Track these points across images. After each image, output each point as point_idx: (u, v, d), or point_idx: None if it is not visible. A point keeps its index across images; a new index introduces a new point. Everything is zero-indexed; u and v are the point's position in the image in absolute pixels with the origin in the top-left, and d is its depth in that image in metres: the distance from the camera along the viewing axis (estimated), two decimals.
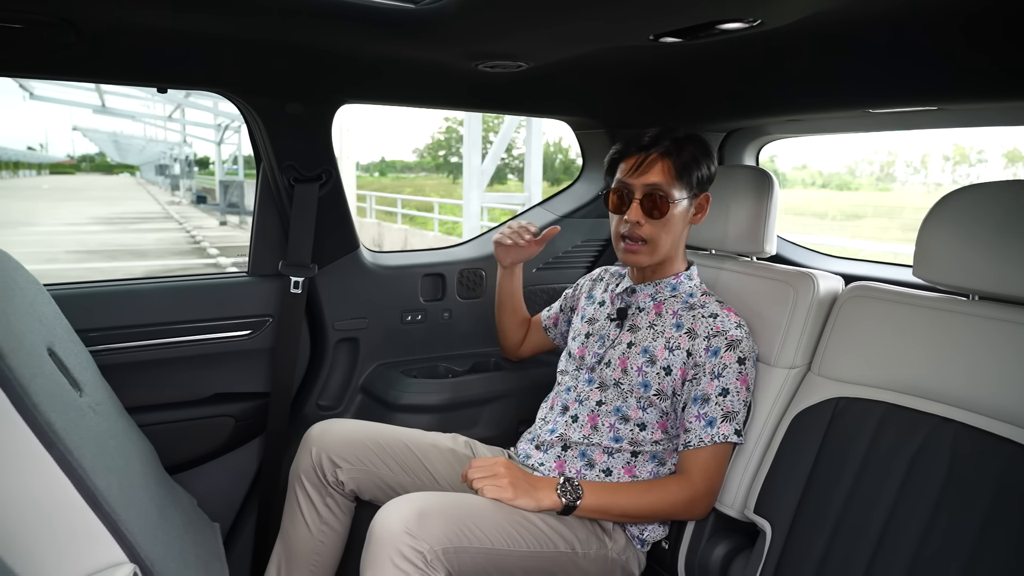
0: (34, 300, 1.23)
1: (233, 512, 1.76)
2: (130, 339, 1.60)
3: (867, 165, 50.94)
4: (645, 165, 1.40)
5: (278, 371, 1.70)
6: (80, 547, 0.96)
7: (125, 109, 22.87)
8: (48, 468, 0.94)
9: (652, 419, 1.42)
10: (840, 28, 1.16)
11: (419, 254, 1.99)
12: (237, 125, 19.99)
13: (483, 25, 1.21)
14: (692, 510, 1.37)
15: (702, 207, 1.48)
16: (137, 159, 57.79)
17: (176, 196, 31.45)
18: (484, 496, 1.27)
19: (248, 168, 23.51)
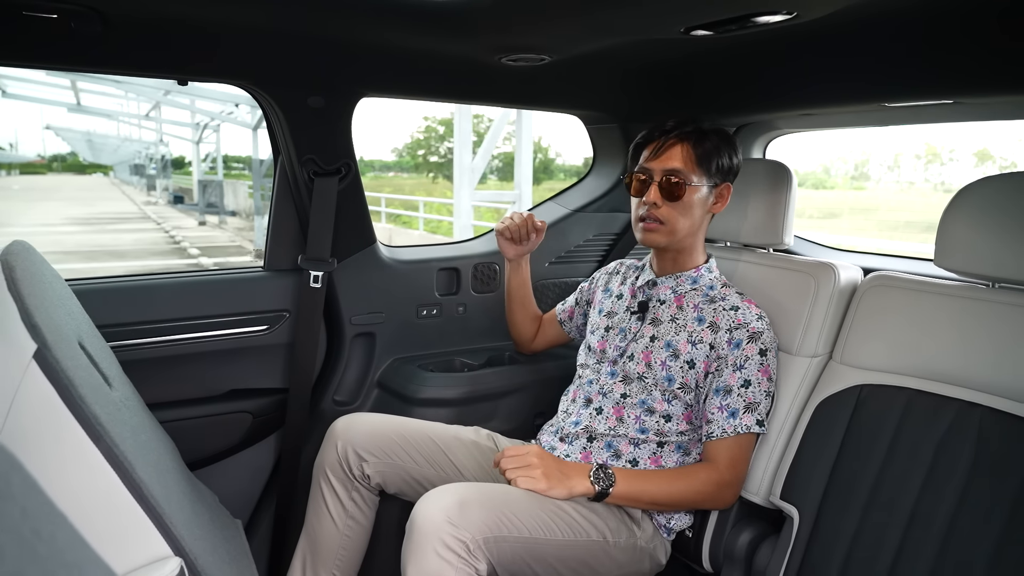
0: (61, 294, 1.22)
1: (250, 508, 1.75)
2: (147, 335, 1.58)
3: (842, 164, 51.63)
4: (665, 149, 1.43)
5: (297, 366, 1.69)
6: (128, 541, 0.95)
7: (100, 107, 22.48)
8: (96, 462, 0.93)
9: (678, 411, 1.43)
10: (869, 20, 1.18)
11: (434, 248, 1.99)
12: (216, 124, 19.75)
13: (517, 17, 1.21)
14: (719, 498, 1.38)
15: (723, 196, 1.49)
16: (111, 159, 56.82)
17: (152, 196, 31.00)
18: (517, 487, 1.28)
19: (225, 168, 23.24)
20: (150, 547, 0.97)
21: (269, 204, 1.74)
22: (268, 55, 1.42)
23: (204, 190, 20.05)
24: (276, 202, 1.71)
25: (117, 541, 0.95)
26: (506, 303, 1.82)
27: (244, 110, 13.51)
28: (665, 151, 1.43)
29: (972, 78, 1.32)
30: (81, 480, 0.92)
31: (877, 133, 69.68)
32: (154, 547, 0.97)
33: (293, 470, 1.71)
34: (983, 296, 1.24)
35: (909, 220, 25.80)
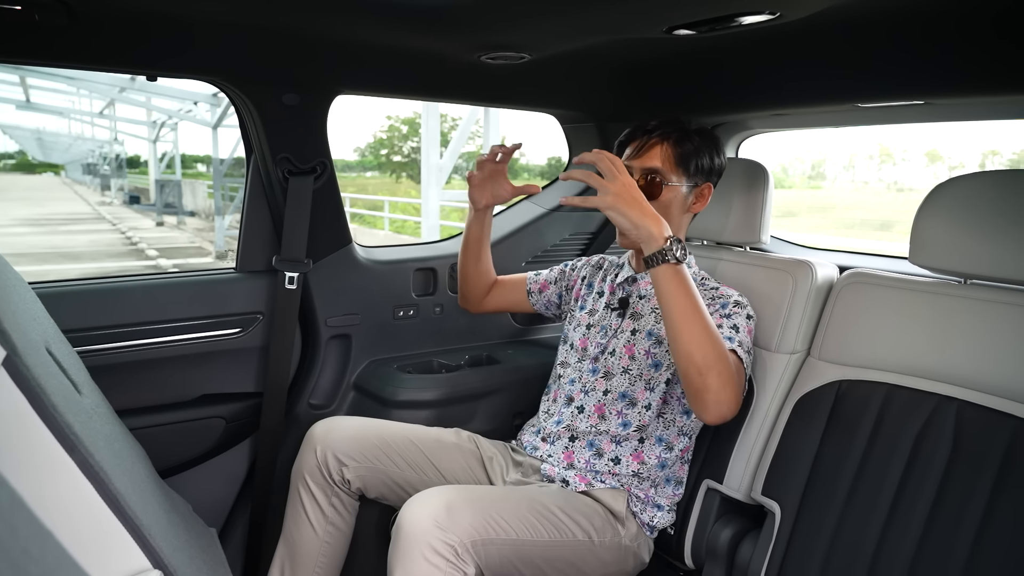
0: (26, 298, 1.17)
1: (224, 516, 1.71)
2: (115, 339, 1.53)
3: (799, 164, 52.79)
4: (645, 148, 1.44)
5: (272, 369, 1.65)
6: (108, 555, 0.92)
7: (51, 105, 21.78)
8: (72, 473, 0.89)
9: (657, 398, 1.43)
10: (849, 22, 1.20)
11: (410, 248, 1.96)
12: (174, 123, 19.30)
13: (498, 15, 1.20)
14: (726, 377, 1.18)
15: (703, 196, 1.49)
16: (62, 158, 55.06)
17: (107, 196, 30.14)
18: (604, 202, 1.20)
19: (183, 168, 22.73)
20: (130, 560, 0.93)
21: (241, 204, 1.70)
22: (241, 51, 1.38)
23: (161, 190, 19.58)
24: (249, 202, 1.67)
25: (97, 555, 0.91)
26: (460, 255, 1.68)
27: (203, 108, 13.20)
28: (646, 150, 1.44)
29: (943, 80, 1.35)
30: (58, 493, 0.88)
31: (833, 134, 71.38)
32: (134, 560, 0.94)
33: (268, 476, 1.67)
34: (956, 292, 1.27)
35: (864, 218, 26.51)
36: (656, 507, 1.45)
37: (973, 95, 1.40)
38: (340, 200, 1.73)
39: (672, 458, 1.46)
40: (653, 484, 1.46)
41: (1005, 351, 1.18)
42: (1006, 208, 1.20)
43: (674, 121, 1.46)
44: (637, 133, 1.47)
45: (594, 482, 1.43)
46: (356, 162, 48.55)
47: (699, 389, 1.18)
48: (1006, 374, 1.17)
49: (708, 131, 1.49)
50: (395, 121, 37.65)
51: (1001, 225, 1.20)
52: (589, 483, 1.43)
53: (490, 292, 1.74)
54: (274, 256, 1.64)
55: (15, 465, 0.84)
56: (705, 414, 1.21)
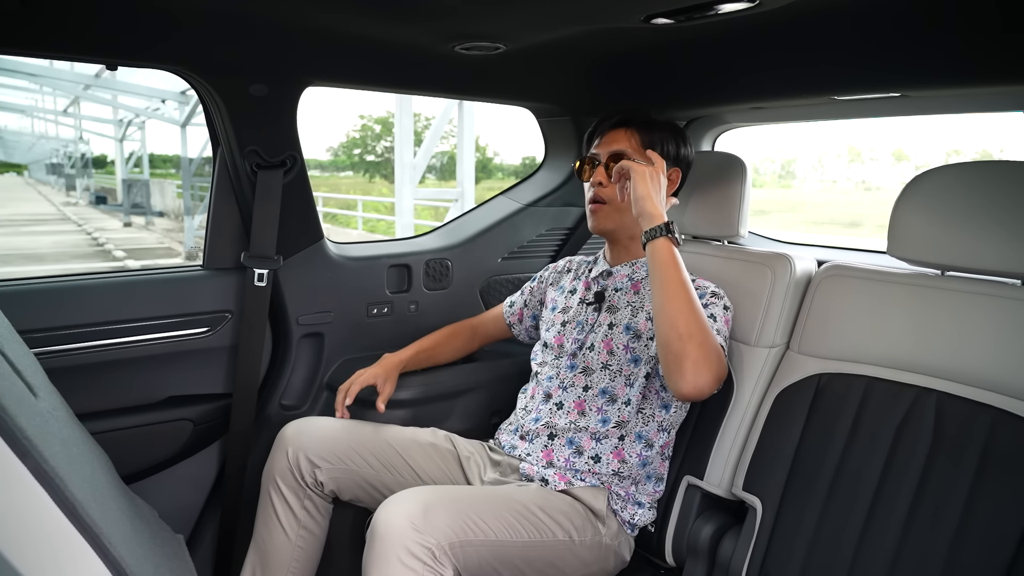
0: None
1: (193, 521, 1.65)
2: (77, 340, 1.46)
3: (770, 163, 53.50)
4: (611, 135, 1.48)
5: (241, 370, 1.60)
6: (63, 566, 0.86)
7: (12, 103, 21.21)
8: (23, 480, 0.84)
9: (636, 393, 1.41)
10: (826, 12, 1.19)
11: (384, 245, 1.92)
12: (141, 121, 18.91)
13: (474, 2, 1.17)
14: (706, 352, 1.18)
15: (671, 181, 1.49)
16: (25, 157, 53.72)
17: (72, 197, 29.45)
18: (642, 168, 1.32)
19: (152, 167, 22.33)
20: (89, 572, 0.88)
21: (208, 199, 1.64)
22: (206, 40, 1.33)
23: (129, 190, 19.19)
24: (216, 197, 1.62)
25: (53, 567, 0.86)
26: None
27: (171, 106, 12.94)
28: (612, 136, 1.48)
29: (918, 71, 1.35)
30: (9, 501, 0.83)
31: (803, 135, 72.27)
32: (93, 572, 0.89)
33: (238, 479, 1.62)
34: (934, 284, 1.27)
35: (833, 216, 26.91)
36: (637, 504, 1.43)
37: (948, 87, 1.40)
38: (311, 195, 1.68)
39: (653, 455, 1.44)
40: (634, 482, 1.44)
41: (983, 341, 1.18)
42: (983, 199, 1.20)
43: (639, 110, 1.49)
44: (603, 123, 1.50)
45: (574, 480, 1.40)
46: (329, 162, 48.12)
47: (679, 356, 1.17)
48: (984, 364, 1.17)
49: (674, 123, 1.52)
50: (368, 120, 37.36)
51: (978, 216, 1.20)
52: (569, 482, 1.40)
53: (473, 340, 1.78)
54: (243, 253, 1.59)
55: None
56: (683, 384, 1.18)
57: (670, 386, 1.22)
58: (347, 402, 1.51)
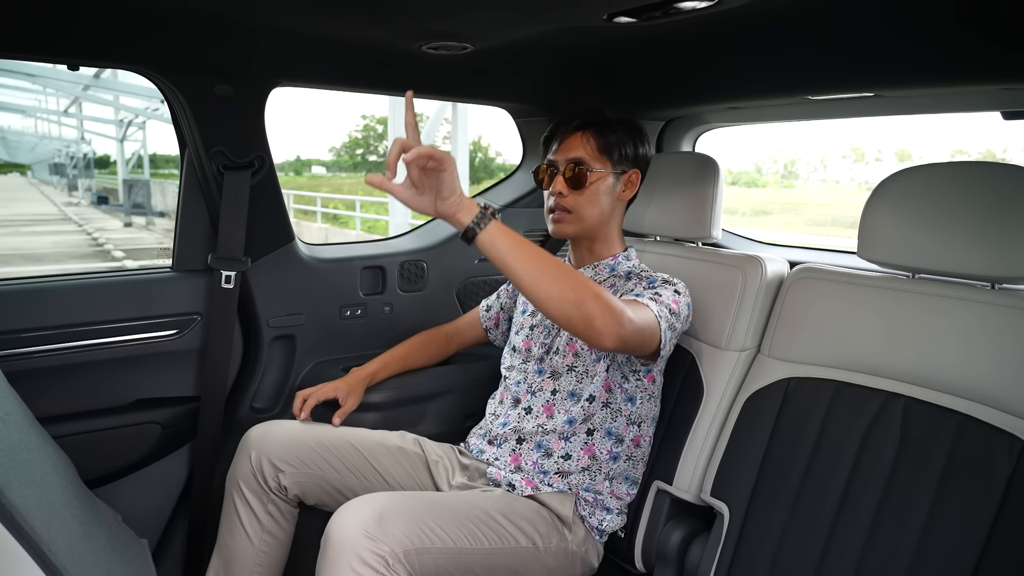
0: None
1: (161, 526, 1.64)
2: (39, 343, 1.45)
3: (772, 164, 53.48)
4: (569, 140, 1.45)
5: (209, 372, 1.58)
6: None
7: (14, 103, 21.27)
8: None
9: (599, 386, 1.40)
10: (790, 10, 1.17)
11: (358, 246, 1.90)
12: (141, 121, 18.95)
13: (431, 1, 1.15)
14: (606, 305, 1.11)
15: (632, 183, 1.48)
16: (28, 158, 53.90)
17: (74, 197, 29.53)
18: (448, 158, 1.08)
19: (153, 167, 22.37)
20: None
21: (176, 200, 1.63)
22: (170, 39, 1.32)
23: (130, 190, 19.23)
24: (184, 198, 1.60)
25: None
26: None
27: None
28: (568, 142, 1.45)
29: (890, 71, 1.33)
30: None
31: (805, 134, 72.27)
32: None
33: (207, 484, 1.61)
34: (904, 287, 1.25)
35: (835, 216, 26.81)
36: (605, 510, 1.42)
37: (921, 87, 1.38)
38: (281, 196, 1.66)
39: (623, 451, 1.42)
40: (607, 477, 1.41)
41: (951, 346, 1.16)
42: (954, 202, 1.17)
43: (594, 112, 1.46)
44: (559, 127, 1.48)
45: (541, 486, 1.39)
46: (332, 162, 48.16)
47: (584, 320, 1.10)
48: (952, 369, 1.15)
49: (630, 120, 1.49)
50: (370, 120, 37.45)
51: (949, 219, 1.18)
52: (536, 487, 1.38)
53: (448, 346, 1.76)
54: (210, 255, 1.57)
55: None
56: (603, 340, 1.11)
57: (593, 346, 1.15)
58: (302, 415, 1.49)
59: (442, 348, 1.75)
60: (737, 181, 52.99)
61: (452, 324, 1.78)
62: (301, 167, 53.28)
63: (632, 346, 1.21)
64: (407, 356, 1.69)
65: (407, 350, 1.69)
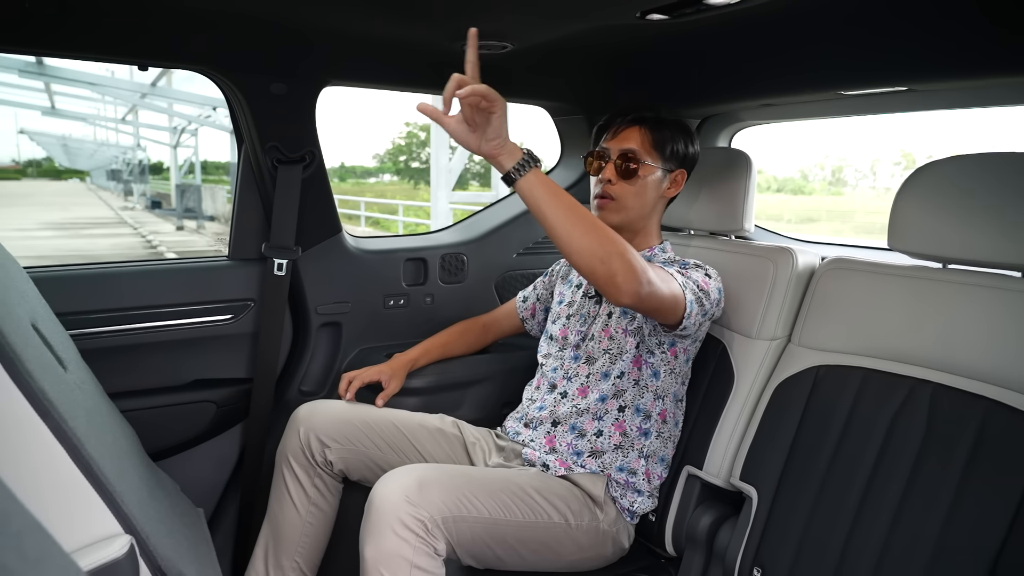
0: (15, 276, 1.20)
1: (215, 498, 1.74)
2: (109, 323, 1.56)
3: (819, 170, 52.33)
4: (624, 132, 1.49)
5: (261, 356, 1.68)
6: (76, 517, 0.94)
7: (76, 111, 22.20)
8: (44, 437, 0.92)
9: (628, 362, 1.45)
10: (820, 5, 1.20)
11: (401, 239, 1.99)
12: (194, 128, 19.59)
13: (471, 2, 1.22)
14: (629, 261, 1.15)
15: (677, 182, 1.52)
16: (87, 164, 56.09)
17: (130, 201, 30.66)
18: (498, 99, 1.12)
19: (204, 173, 23.07)
20: (99, 524, 0.96)
21: (234, 193, 1.74)
22: (229, 40, 1.42)
23: (182, 195, 19.85)
24: (240, 190, 1.71)
25: (65, 517, 0.94)
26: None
27: (222, 113, 13.41)
28: (623, 133, 1.49)
29: (923, 64, 1.35)
30: (28, 455, 0.91)
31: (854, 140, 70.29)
32: (103, 524, 0.96)
33: (257, 460, 1.70)
34: (935, 276, 1.27)
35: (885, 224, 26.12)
36: (636, 492, 1.46)
37: (955, 80, 1.40)
38: (330, 189, 1.75)
39: (652, 427, 1.46)
40: (641, 455, 1.46)
41: (979, 333, 1.18)
42: (984, 191, 1.19)
43: (650, 108, 1.51)
44: (614, 119, 1.52)
45: (574, 467, 1.44)
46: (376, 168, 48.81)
47: (607, 275, 1.14)
48: (980, 356, 1.17)
49: (682, 121, 1.53)
50: (413, 128, 37.93)
51: (979, 208, 1.19)
52: (569, 467, 1.44)
53: (486, 335, 1.83)
54: (264, 243, 1.67)
55: None
56: (620, 296, 1.15)
57: (611, 300, 1.19)
58: (347, 395, 1.58)
59: (480, 337, 1.82)
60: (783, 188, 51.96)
61: (490, 314, 1.85)
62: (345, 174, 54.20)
63: (651, 307, 1.23)
64: (447, 344, 1.76)
65: (447, 338, 1.77)
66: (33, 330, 1.10)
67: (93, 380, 1.33)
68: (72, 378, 1.15)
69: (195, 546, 1.29)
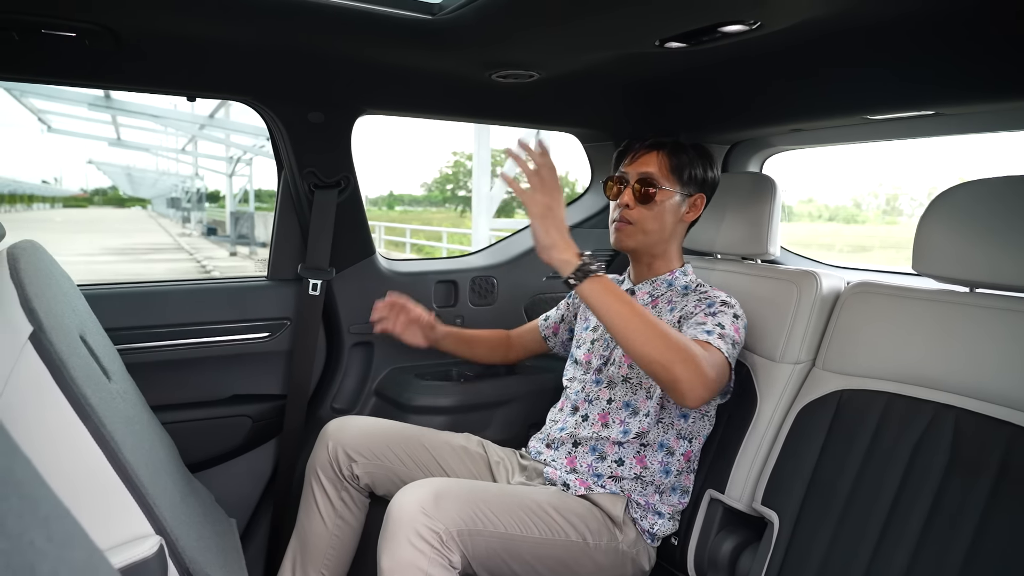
0: (67, 291, 1.29)
1: (249, 511, 1.79)
2: (153, 339, 1.65)
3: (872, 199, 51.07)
4: (642, 157, 1.52)
5: (295, 373, 1.74)
6: (109, 517, 1.00)
7: (139, 142, 23.29)
8: (83, 439, 0.98)
9: (654, 404, 1.45)
10: (837, 32, 1.22)
11: (432, 262, 2.04)
12: (249, 158, 20.32)
13: (496, 33, 1.28)
14: (693, 366, 1.18)
15: (696, 207, 1.54)
16: (149, 192, 58.59)
17: (187, 228, 31.85)
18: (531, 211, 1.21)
19: (258, 201, 23.84)
20: (131, 524, 1.01)
21: (273, 216, 1.82)
22: (270, 72, 1.51)
23: (236, 222, 20.55)
24: (279, 214, 1.79)
25: (99, 515, 0.99)
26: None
27: None
28: (641, 158, 1.51)
29: (948, 88, 1.35)
30: (66, 455, 0.97)
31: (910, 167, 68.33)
32: (135, 525, 1.02)
33: (289, 475, 1.75)
34: (961, 300, 1.25)
35: None
36: (657, 514, 1.46)
37: (981, 103, 1.39)
38: (364, 213, 1.82)
39: (674, 463, 1.46)
40: (658, 490, 1.46)
41: (1006, 359, 1.16)
42: (1011, 214, 1.18)
43: (669, 134, 1.54)
44: (634, 144, 1.55)
45: (594, 487, 1.45)
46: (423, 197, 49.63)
47: (671, 382, 1.18)
48: (1005, 381, 1.15)
49: (702, 146, 1.55)
50: (460, 157, 38.55)
51: (1007, 231, 1.18)
52: (589, 487, 1.45)
53: (510, 348, 1.85)
54: (300, 264, 1.74)
55: (29, 426, 0.94)
56: (684, 400, 1.19)
57: (676, 402, 1.25)
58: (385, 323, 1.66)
59: (503, 346, 1.84)
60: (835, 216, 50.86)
61: (515, 330, 1.88)
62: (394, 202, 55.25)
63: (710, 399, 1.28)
64: (472, 340, 1.79)
65: (474, 335, 1.80)
66: (81, 341, 1.18)
67: (136, 391, 1.41)
68: (115, 388, 1.23)
69: (224, 552, 1.34)
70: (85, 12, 1.17)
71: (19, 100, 15.41)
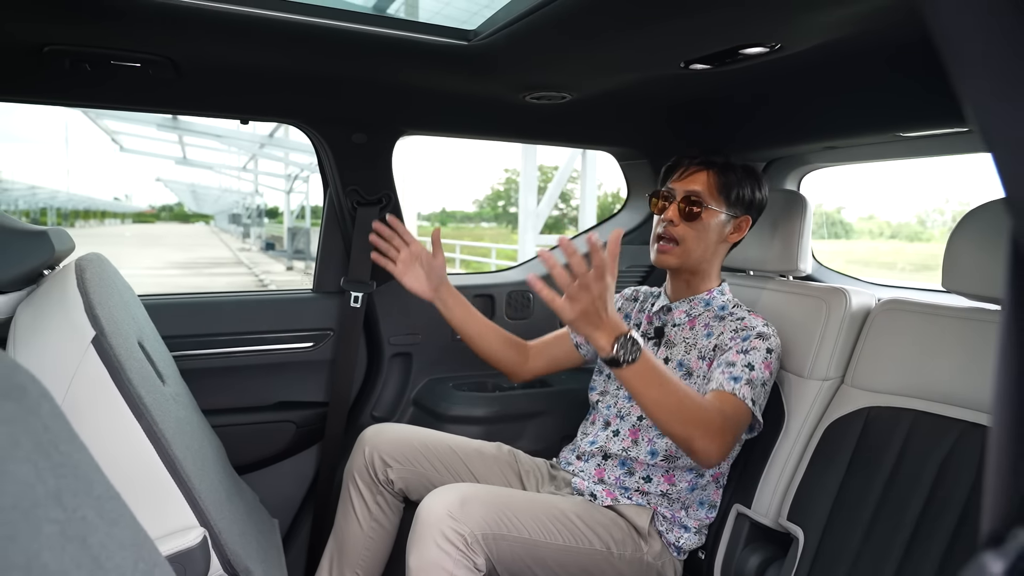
0: (128, 300, 1.40)
1: (292, 512, 1.88)
2: (206, 347, 1.75)
3: (938, 216, 49.23)
4: (690, 173, 1.52)
5: (337, 382, 1.82)
6: (158, 508, 1.08)
7: (203, 160, 24.28)
8: (137, 436, 1.07)
9: None
10: (861, 52, 1.24)
11: (470, 277, 2.11)
12: (306, 175, 20.96)
13: (527, 57, 1.34)
14: (710, 435, 1.23)
15: (740, 228, 1.54)
16: (212, 208, 60.89)
17: (247, 243, 32.95)
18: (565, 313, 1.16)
19: (315, 218, 24.52)
20: (178, 516, 1.10)
21: (320, 232, 1.92)
22: (316, 97, 1.60)
23: (293, 237, 21.15)
24: (325, 229, 1.88)
25: (148, 508, 1.08)
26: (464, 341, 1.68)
27: None
28: (689, 175, 1.51)
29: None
30: (121, 450, 1.06)
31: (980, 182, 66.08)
32: (182, 517, 1.10)
33: (330, 479, 1.83)
34: (991, 319, 1.25)
35: None
36: (683, 528, 1.47)
37: None
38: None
39: (703, 482, 1.48)
40: (684, 506, 1.48)
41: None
42: None
43: (721, 154, 1.53)
44: (683, 160, 1.55)
45: (621, 498, 1.47)
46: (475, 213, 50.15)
47: (688, 451, 1.25)
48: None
49: (751, 167, 1.54)
50: (512, 174, 38.87)
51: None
52: (615, 498, 1.47)
53: (529, 358, 1.72)
54: (343, 278, 1.83)
55: (89, 423, 1.03)
56: (700, 460, 1.26)
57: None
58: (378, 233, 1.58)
59: (516, 349, 1.70)
60: (897, 234, 49.17)
61: (539, 339, 1.76)
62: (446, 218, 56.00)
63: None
64: (482, 322, 1.66)
65: (493, 328, 1.68)
66: (138, 346, 1.28)
67: (188, 395, 1.51)
68: (169, 390, 1.32)
69: (264, 549, 1.42)
70: (148, 45, 1.28)
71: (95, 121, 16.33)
